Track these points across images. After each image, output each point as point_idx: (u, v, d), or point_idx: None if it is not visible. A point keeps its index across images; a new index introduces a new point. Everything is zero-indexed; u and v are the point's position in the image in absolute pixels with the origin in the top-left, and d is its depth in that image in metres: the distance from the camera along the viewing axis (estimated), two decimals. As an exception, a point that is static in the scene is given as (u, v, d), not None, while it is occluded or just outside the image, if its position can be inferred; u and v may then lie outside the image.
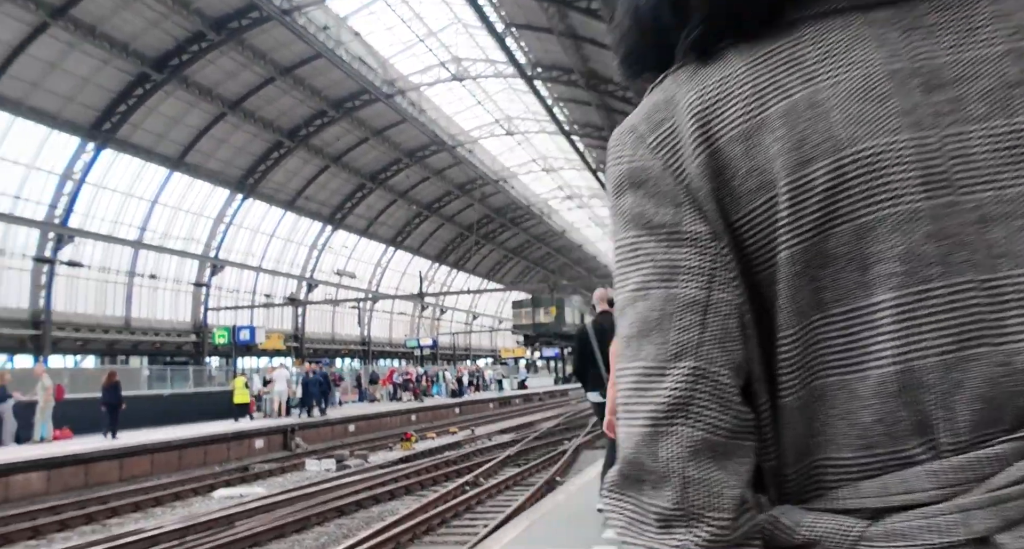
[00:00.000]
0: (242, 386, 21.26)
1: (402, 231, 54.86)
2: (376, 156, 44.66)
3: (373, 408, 26.90)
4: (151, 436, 16.04)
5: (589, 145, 47.84)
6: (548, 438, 19.73)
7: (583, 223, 74.28)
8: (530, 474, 13.23)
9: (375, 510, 10.48)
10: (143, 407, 18.20)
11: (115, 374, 16.74)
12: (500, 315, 79.64)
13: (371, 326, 56.23)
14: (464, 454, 16.40)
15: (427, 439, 21.02)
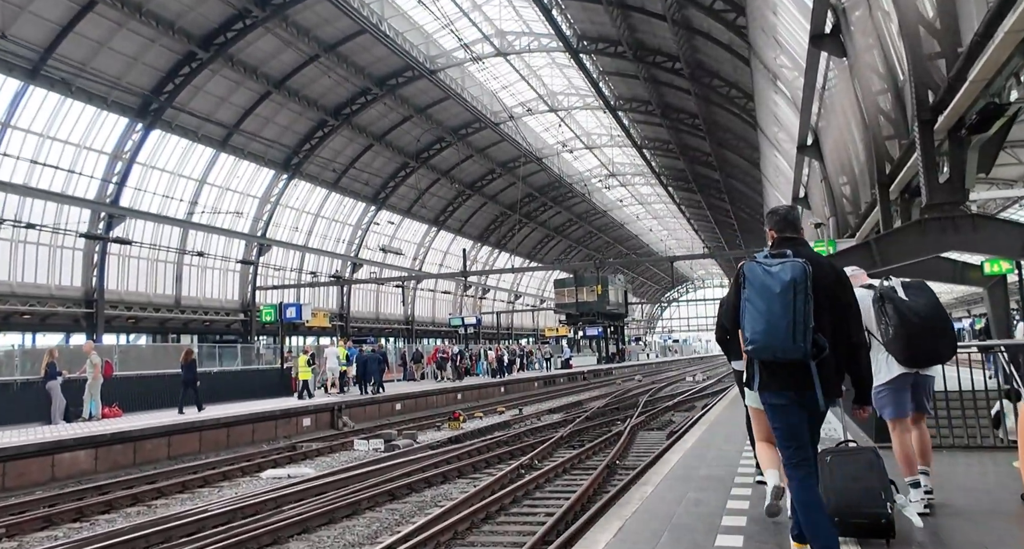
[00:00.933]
0: (304, 363, 21.17)
1: (445, 211, 54.52)
2: (419, 134, 44.21)
3: (419, 387, 26.64)
4: (200, 414, 15.93)
5: (634, 120, 46.64)
6: (599, 419, 19.17)
7: (627, 201, 73.00)
8: (587, 457, 12.70)
9: (428, 494, 10.06)
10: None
11: (192, 352, 17.26)
12: (542, 294, 79.05)
13: (415, 305, 56.24)
14: (514, 435, 15.94)
15: (474, 419, 20.65)
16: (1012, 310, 15.79)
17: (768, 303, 3.27)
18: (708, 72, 33.87)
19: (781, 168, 33.91)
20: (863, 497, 3.76)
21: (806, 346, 3.21)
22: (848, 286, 3.50)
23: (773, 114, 29.80)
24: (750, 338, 3.34)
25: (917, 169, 12.99)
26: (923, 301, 4.37)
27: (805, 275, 3.26)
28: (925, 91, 11.14)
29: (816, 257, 3.50)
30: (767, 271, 3.34)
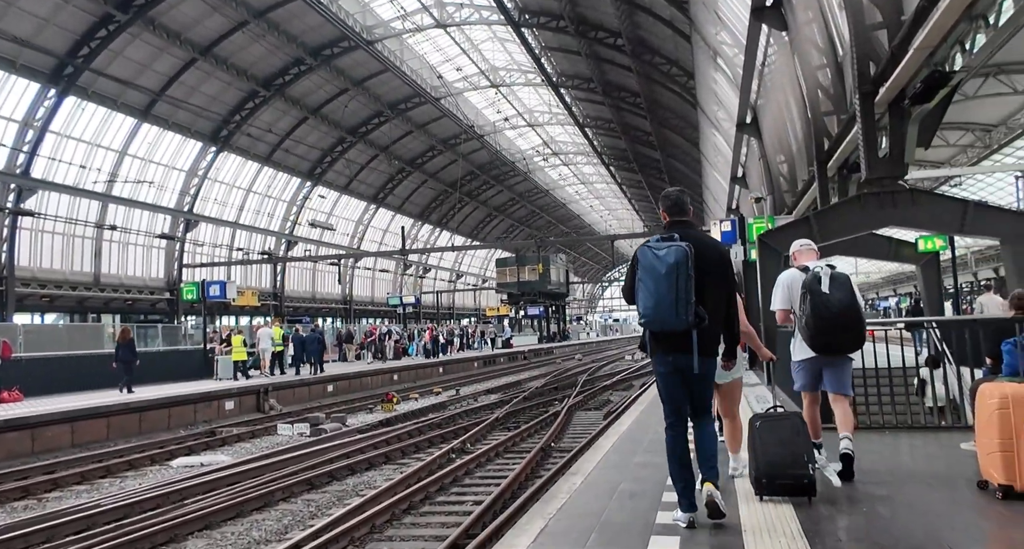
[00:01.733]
0: (240, 343, 20.33)
1: (384, 188, 53.23)
2: (356, 108, 42.80)
3: (353, 367, 25.83)
4: (110, 397, 14.87)
5: (577, 98, 46.19)
6: (537, 399, 18.80)
7: (569, 180, 72.83)
8: (522, 439, 12.25)
9: (350, 482, 9.43)
10: (105, 367, 16.96)
11: (129, 331, 17.16)
12: (484, 273, 78.52)
13: (353, 284, 54.99)
14: (449, 416, 15.41)
15: (410, 400, 20.04)
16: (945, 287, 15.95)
17: (656, 283, 3.76)
18: (650, 49, 33.57)
19: (720, 147, 33.98)
20: (788, 459, 4.07)
21: (688, 318, 3.72)
22: (729, 265, 4.01)
23: (713, 92, 29.71)
24: (642, 312, 3.87)
25: (856, 144, 12.81)
26: (839, 296, 4.60)
27: (687, 257, 3.73)
28: (867, 62, 10.89)
29: (702, 239, 3.97)
30: (656, 255, 3.81)
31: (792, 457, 4.07)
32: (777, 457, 4.08)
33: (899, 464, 4.87)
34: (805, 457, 4.07)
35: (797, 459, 4.06)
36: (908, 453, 5.46)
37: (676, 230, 3.92)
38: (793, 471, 4.04)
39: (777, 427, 4.16)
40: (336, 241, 50.64)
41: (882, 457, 5.23)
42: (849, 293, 4.62)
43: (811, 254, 5.05)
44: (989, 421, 3.71)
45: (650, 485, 4.64)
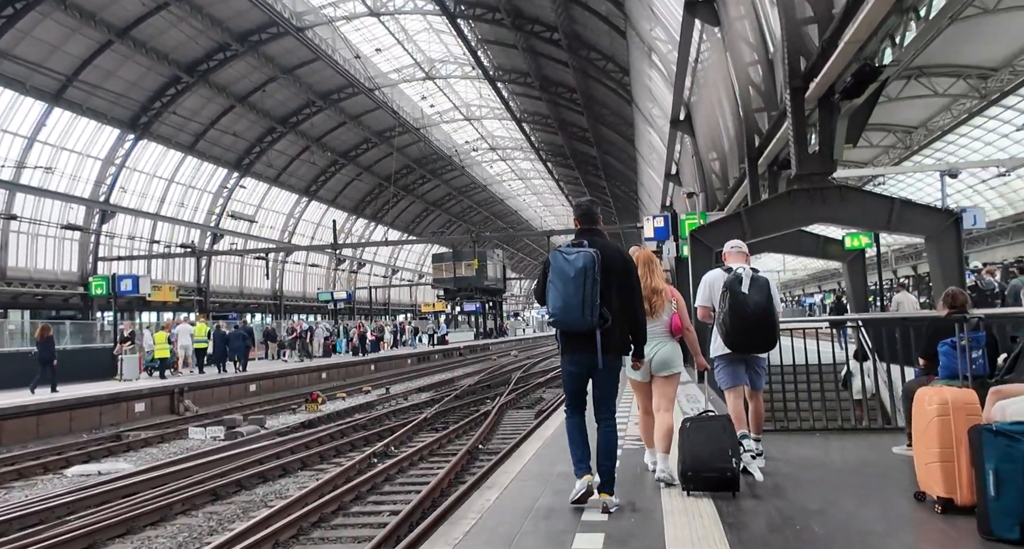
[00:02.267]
0: (163, 340, 19.43)
1: (316, 180, 51.83)
2: (286, 97, 41.43)
3: (280, 366, 24.89)
4: (9, 399, 13.75)
5: (514, 93, 45.83)
6: (469, 397, 18.37)
7: (506, 176, 72.51)
8: (449, 441, 11.80)
9: (260, 492, 8.80)
10: (5, 366, 15.76)
11: (48, 328, 16.49)
12: (421, 269, 77.57)
13: (283, 280, 53.42)
14: (376, 417, 14.84)
15: (336, 400, 19.32)
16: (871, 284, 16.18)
17: (565, 285, 4.02)
18: (586, 44, 33.46)
19: (655, 145, 34.17)
20: (713, 455, 4.23)
21: (593, 320, 3.99)
22: (633, 270, 4.31)
23: (648, 89, 29.78)
24: (551, 313, 4.12)
25: (786, 141, 12.80)
26: (756, 299, 4.77)
27: (594, 263, 4.00)
28: (797, 58, 10.82)
29: (608, 245, 4.25)
30: (566, 259, 4.07)
31: (717, 452, 4.23)
32: (703, 452, 4.24)
33: (831, 471, 4.63)
34: (730, 452, 4.23)
35: (722, 454, 4.21)
36: (840, 458, 5.24)
37: (585, 237, 4.24)
38: (718, 465, 4.19)
39: (706, 427, 4.33)
40: (264, 235, 49.09)
41: (813, 463, 5.00)
42: (766, 296, 4.81)
43: (740, 256, 5.18)
44: (927, 429, 3.46)
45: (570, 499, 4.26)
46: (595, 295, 3.96)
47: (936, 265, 10.31)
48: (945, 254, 10.12)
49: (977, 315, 4.47)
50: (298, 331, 28.28)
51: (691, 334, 4.86)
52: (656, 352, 4.64)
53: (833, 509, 3.72)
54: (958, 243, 10.09)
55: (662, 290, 4.74)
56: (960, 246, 10.08)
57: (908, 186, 42.05)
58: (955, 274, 10.09)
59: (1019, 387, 3.57)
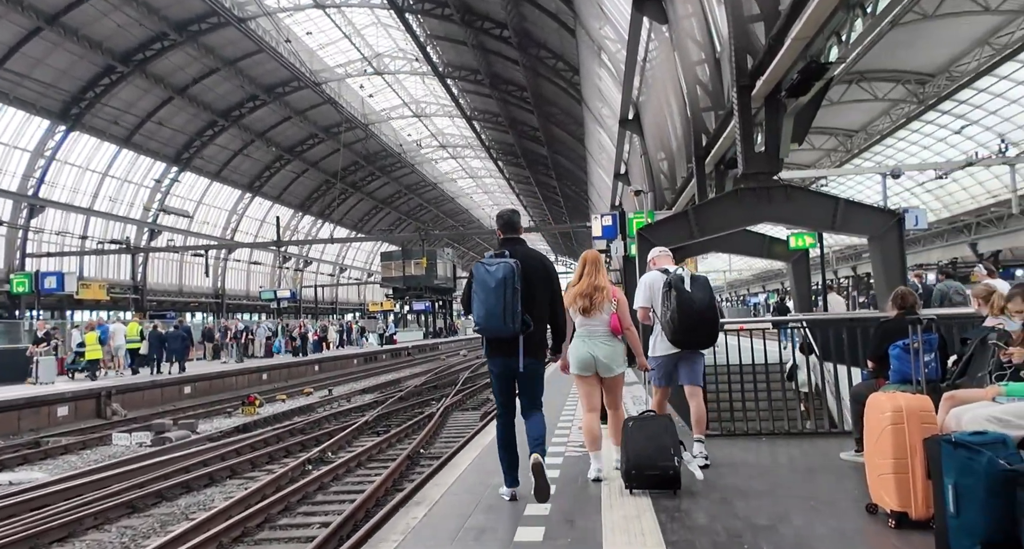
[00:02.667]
0: (94, 341, 18.69)
1: (261, 176, 50.52)
2: (229, 90, 40.20)
3: (218, 366, 24.03)
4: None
5: (464, 90, 45.37)
6: (414, 399, 17.94)
7: (457, 174, 71.95)
8: (390, 445, 11.37)
9: (182, 503, 8.24)
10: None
11: None
12: (370, 267, 76.47)
13: (225, 278, 51.94)
14: (316, 420, 14.30)
15: (276, 402, 18.65)
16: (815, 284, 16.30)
17: (487, 295, 4.19)
18: (536, 42, 33.25)
19: (604, 144, 34.19)
20: (655, 453, 4.32)
21: (515, 326, 4.17)
22: (553, 277, 4.53)
23: (597, 89, 29.74)
24: (476, 320, 4.32)
25: (733, 139, 12.74)
26: (700, 296, 4.96)
27: (514, 272, 4.17)
28: (744, 56, 10.74)
29: (529, 254, 4.44)
30: (487, 270, 4.24)
31: (659, 450, 4.31)
32: (645, 450, 4.32)
33: (779, 481, 4.41)
34: (672, 450, 4.31)
35: (664, 452, 4.29)
36: (787, 465, 5.03)
37: (507, 247, 4.43)
38: (660, 463, 4.26)
39: (648, 425, 4.44)
40: (206, 231, 47.64)
41: (760, 470, 4.79)
42: (709, 294, 5.05)
43: (668, 259, 5.44)
44: (880, 438, 3.25)
45: (504, 516, 3.96)
46: (516, 303, 4.16)
47: (879, 265, 10.33)
48: (888, 254, 10.14)
49: (929, 316, 4.31)
50: (232, 331, 27.23)
51: (632, 333, 4.93)
52: (600, 354, 4.76)
53: (783, 525, 3.48)
54: (900, 243, 10.12)
55: (604, 288, 4.84)
56: (902, 246, 10.11)
57: (849, 188, 43.04)
58: (897, 274, 10.13)
59: (973, 392, 3.39)
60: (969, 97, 29.52)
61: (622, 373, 4.89)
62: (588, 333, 4.78)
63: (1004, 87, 27.67)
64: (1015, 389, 3.18)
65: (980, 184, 34.78)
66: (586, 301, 4.73)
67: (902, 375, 4.22)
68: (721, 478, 4.55)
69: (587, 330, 4.79)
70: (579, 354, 4.76)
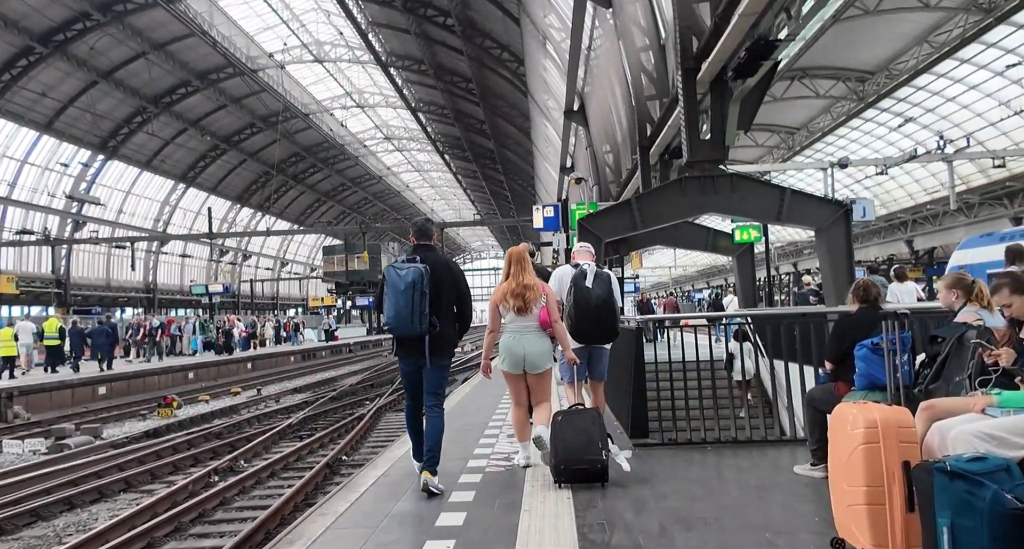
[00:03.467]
0: (10, 338, 18.14)
1: (195, 166, 48.51)
2: (159, 75, 38.25)
3: (139, 366, 22.65)
4: None
5: (408, 80, 44.29)
6: (348, 398, 17.05)
7: (403, 167, 70.60)
8: (311, 451, 10.53)
9: (59, 523, 7.27)
10: None
11: None
12: (313, 262, 74.59)
13: (157, 272, 49.77)
14: (236, 423, 13.34)
15: (199, 403, 17.51)
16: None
17: (396, 297, 4.51)
18: (480, 32, 32.49)
19: (550, 137, 33.68)
20: (583, 446, 4.35)
21: (422, 327, 4.49)
22: (460, 280, 4.78)
23: (543, 80, 29.17)
24: (387, 321, 4.68)
25: (678, 127, 12.24)
26: (598, 292, 5.07)
27: (422, 276, 4.49)
28: (690, 38, 10.22)
29: (438, 259, 4.73)
30: (398, 274, 4.56)
31: (587, 444, 4.34)
32: (574, 444, 4.35)
33: (727, 506, 3.73)
34: (599, 444, 4.34)
35: (591, 445, 4.33)
36: (736, 483, 4.37)
37: (419, 253, 4.71)
38: (588, 457, 4.30)
39: (576, 419, 4.46)
40: (136, 223, 45.53)
41: (706, 490, 4.16)
42: (607, 290, 5.14)
43: (587, 255, 5.55)
44: (850, 460, 2.62)
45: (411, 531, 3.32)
46: (423, 305, 4.43)
47: (825, 258, 9.94)
48: (834, 247, 9.75)
49: (901, 310, 3.74)
50: (146, 328, 25.60)
51: (559, 326, 4.95)
52: (530, 351, 4.82)
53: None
54: (848, 235, 9.75)
55: (534, 285, 4.87)
56: (850, 238, 9.74)
57: (791, 186, 43.42)
58: (844, 267, 9.75)
59: (957, 402, 2.81)
60: (908, 95, 29.91)
61: (549, 370, 4.97)
62: (519, 329, 4.85)
63: (942, 85, 28.08)
64: (1010, 399, 2.60)
65: (917, 182, 35.43)
66: (519, 301, 4.79)
67: (870, 380, 3.62)
68: (662, 500, 3.92)
69: (518, 326, 4.86)
70: (511, 352, 4.84)
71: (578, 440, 4.33)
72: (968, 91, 27.67)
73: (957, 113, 28.87)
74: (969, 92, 27.78)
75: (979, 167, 30.34)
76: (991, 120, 28.10)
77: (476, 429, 6.72)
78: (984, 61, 25.79)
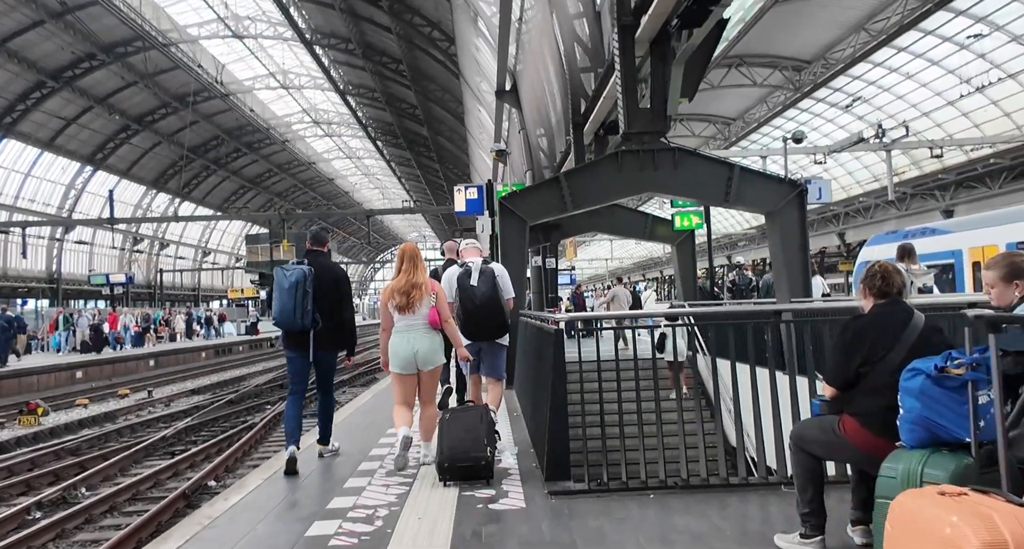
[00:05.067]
0: None
1: (104, 147, 45.10)
2: (58, 46, 35.06)
3: (53, 358, 20.24)
4: None
5: (336, 61, 41.99)
6: (248, 401, 15.27)
7: (334, 154, 67.88)
8: (176, 473, 8.81)
9: None
10: None
11: None
12: (238, 252, 71.26)
13: (62, 260, 46.22)
14: (105, 434, 11.45)
15: (76, 408, 15.40)
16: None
17: (282, 295, 5.13)
18: (409, 7, 30.68)
19: (484, 123, 32.21)
20: (469, 444, 4.40)
21: (305, 323, 5.04)
22: (343, 281, 5.47)
23: (475, 60, 27.66)
24: (274, 316, 5.21)
25: (615, 99, 10.96)
26: (482, 290, 5.29)
27: (305, 277, 5.04)
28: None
29: (324, 264, 5.37)
30: (284, 274, 5.16)
31: (473, 442, 4.37)
32: (459, 442, 4.37)
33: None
34: (485, 441, 4.38)
35: (477, 443, 4.36)
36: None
37: (307, 256, 5.33)
38: (473, 454, 4.33)
39: (463, 417, 4.53)
40: (37, 208, 42.04)
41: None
42: (491, 286, 5.28)
43: (475, 252, 5.67)
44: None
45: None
46: (306, 303, 4.95)
47: (777, 245, 8.77)
48: (788, 232, 8.60)
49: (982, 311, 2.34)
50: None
51: (450, 325, 4.98)
52: (418, 349, 4.80)
53: None
54: (802, 219, 8.60)
55: (422, 284, 4.86)
56: (804, 222, 8.60)
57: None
58: (798, 256, 8.61)
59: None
60: (844, 84, 29.58)
61: (439, 367, 5.01)
62: (407, 327, 4.84)
63: (878, 74, 27.77)
64: None
65: (850, 174, 35.39)
66: (403, 298, 4.80)
67: (931, 431, 2.18)
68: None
69: (406, 324, 4.85)
70: (401, 352, 4.81)
71: (464, 437, 4.34)
72: (904, 81, 27.45)
73: (892, 103, 28.65)
74: (905, 82, 27.57)
75: (912, 159, 30.30)
76: (925, 110, 27.99)
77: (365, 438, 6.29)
78: (921, 49, 25.52)
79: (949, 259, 17.05)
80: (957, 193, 30.88)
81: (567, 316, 4.71)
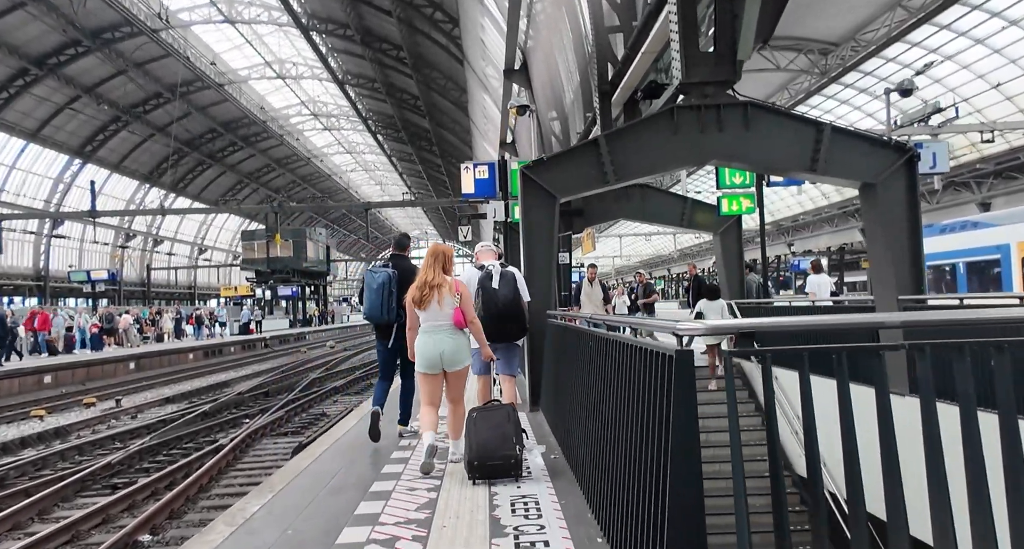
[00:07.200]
0: None
1: (94, 139, 43.31)
2: (42, 31, 33.27)
3: (33, 360, 18.37)
4: None
5: (334, 48, 40.09)
6: (226, 413, 13.38)
7: (334, 148, 65.97)
8: (106, 519, 6.88)
9: None
10: None
11: None
12: (235, 249, 69.41)
13: (50, 256, 44.40)
14: (41, 458, 9.55)
15: (28, 420, 13.50)
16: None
17: (371, 293, 5.90)
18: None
19: (489, 112, 30.38)
20: (498, 442, 4.45)
21: (390, 317, 5.84)
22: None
23: (480, 41, 25.78)
24: (364, 311, 6.18)
25: (654, 55, 9.04)
26: (504, 292, 5.63)
27: (390, 279, 5.85)
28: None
29: (404, 266, 6.03)
30: (373, 276, 5.94)
31: (502, 439, 4.41)
32: (489, 440, 4.41)
33: None
34: (514, 439, 4.43)
35: (506, 441, 4.41)
36: None
37: (392, 260, 6.14)
38: (502, 452, 4.38)
39: (491, 416, 4.55)
40: (23, 202, 40.25)
41: None
42: (512, 289, 5.68)
43: (491, 254, 6.00)
44: None
45: None
46: (391, 301, 5.76)
47: (876, 224, 6.85)
48: (891, 209, 6.66)
49: None
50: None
51: (474, 325, 5.03)
52: (446, 349, 4.82)
53: None
54: (912, 192, 6.66)
55: (441, 285, 4.86)
56: (916, 197, 6.65)
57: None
58: (904, 239, 6.66)
59: None
60: (875, 68, 27.65)
61: (466, 367, 5.02)
62: (433, 328, 4.86)
63: (915, 55, 25.75)
64: None
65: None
66: (416, 293, 4.87)
67: None
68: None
69: (431, 325, 4.87)
70: (426, 352, 4.85)
71: (492, 435, 4.40)
72: (944, 62, 25.47)
73: (929, 87, 26.66)
74: (945, 64, 25.59)
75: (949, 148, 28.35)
76: (964, 95, 26.00)
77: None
78: (964, 27, 23.56)
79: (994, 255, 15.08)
80: (995, 184, 28.93)
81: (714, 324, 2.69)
